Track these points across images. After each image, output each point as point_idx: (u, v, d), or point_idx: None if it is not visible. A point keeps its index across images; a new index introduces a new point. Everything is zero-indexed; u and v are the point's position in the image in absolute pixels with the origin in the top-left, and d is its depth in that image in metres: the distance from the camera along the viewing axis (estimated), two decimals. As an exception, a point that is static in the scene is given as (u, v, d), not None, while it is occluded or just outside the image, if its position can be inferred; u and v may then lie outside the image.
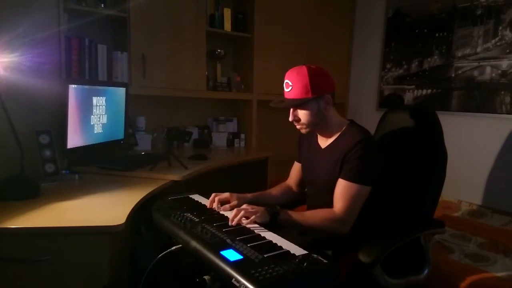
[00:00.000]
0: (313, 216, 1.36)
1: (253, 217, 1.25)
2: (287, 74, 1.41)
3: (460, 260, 1.88)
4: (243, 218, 1.26)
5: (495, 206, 2.63)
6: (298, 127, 1.46)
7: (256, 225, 1.26)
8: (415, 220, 1.51)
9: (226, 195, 1.47)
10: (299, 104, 1.39)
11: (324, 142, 1.50)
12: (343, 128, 1.46)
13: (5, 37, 1.50)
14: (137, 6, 2.28)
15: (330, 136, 1.48)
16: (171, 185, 1.81)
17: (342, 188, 1.35)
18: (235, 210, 1.29)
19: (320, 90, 1.37)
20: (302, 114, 1.41)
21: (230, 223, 1.24)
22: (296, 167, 1.69)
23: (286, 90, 1.41)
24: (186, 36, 2.55)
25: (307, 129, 1.45)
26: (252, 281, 0.87)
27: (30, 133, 1.65)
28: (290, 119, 1.45)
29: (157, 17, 2.40)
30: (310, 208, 1.56)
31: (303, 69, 1.37)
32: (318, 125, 1.44)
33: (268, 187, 2.66)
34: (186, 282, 1.44)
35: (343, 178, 1.36)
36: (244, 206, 1.30)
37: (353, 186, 1.34)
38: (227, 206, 1.43)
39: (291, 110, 1.43)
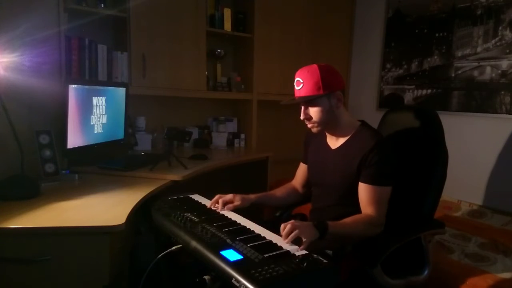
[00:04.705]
0: (353, 224, 1.32)
1: (305, 239, 1.12)
2: (297, 73, 1.40)
3: (460, 260, 1.88)
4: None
5: (495, 206, 2.63)
6: (309, 125, 1.44)
7: (256, 225, 1.27)
8: (415, 220, 1.51)
9: (229, 196, 1.47)
10: (310, 100, 1.37)
11: (334, 142, 1.48)
12: (355, 129, 1.44)
13: (5, 37, 1.50)
14: (137, 6, 2.27)
15: (341, 136, 1.46)
16: (171, 185, 1.81)
17: (368, 193, 1.35)
18: (288, 225, 1.15)
19: (331, 86, 1.37)
20: (314, 111, 1.39)
21: (284, 240, 1.13)
22: (302, 168, 1.68)
23: (297, 88, 1.39)
24: (186, 36, 2.54)
25: (318, 128, 1.43)
26: (252, 281, 0.87)
27: (30, 133, 1.65)
28: (302, 117, 1.42)
29: (157, 17, 2.40)
30: (315, 208, 1.57)
31: (314, 67, 1.37)
32: (329, 123, 1.42)
33: (268, 187, 2.66)
34: (186, 282, 1.44)
35: (367, 182, 1.35)
36: (297, 223, 1.17)
37: (378, 189, 1.35)
38: (231, 205, 1.43)
39: (302, 108, 1.41)
